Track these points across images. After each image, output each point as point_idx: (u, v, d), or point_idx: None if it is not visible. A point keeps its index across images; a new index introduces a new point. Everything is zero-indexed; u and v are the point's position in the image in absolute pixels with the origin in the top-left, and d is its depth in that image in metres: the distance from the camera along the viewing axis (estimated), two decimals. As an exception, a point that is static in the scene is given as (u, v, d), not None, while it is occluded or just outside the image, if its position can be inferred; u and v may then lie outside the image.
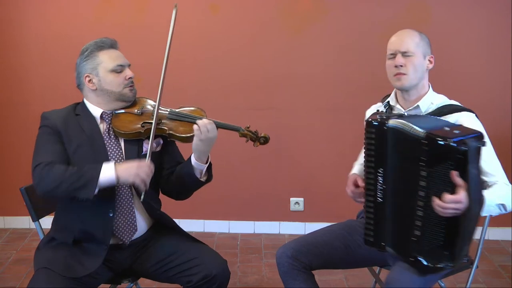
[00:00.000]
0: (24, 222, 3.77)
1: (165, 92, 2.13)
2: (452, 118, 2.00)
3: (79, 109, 2.10)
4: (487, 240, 3.62)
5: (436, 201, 1.68)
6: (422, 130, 1.72)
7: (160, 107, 2.05)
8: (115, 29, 3.52)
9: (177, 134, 2.06)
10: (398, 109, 2.15)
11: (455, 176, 1.64)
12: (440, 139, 1.66)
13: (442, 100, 2.12)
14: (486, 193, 1.80)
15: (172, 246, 2.08)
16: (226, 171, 3.66)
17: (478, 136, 1.72)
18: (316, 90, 3.60)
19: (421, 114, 2.07)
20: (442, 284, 2.23)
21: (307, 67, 3.57)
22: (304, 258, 2.09)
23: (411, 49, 2.04)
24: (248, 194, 3.75)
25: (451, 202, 1.65)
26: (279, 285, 2.16)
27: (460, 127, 1.80)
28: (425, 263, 1.76)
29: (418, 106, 2.09)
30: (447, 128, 1.73)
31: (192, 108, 2.14)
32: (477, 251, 2.25)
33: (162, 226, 2.18)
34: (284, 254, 2.11)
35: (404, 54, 2.05)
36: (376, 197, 1.88)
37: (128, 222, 2.05)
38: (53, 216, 2.15)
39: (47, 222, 2.19)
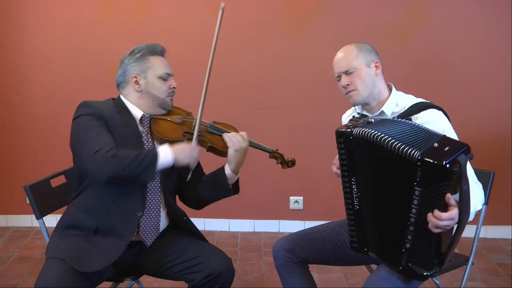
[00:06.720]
0: (27, 220, 3.80)
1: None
2: (421, 116, 1.99)
3: (118, 105, 2.09)
4: (485, 238, 3.64)
5: (431, 219, 1.67)
6: (413, 151, 1.66)
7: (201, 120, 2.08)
8: (115, 30, 3.55)
9: (218, 148, 2.11)
10: (365, 115, 2.14)
11: (450, 198, 1.65)
12: (432, 160, 1.62)
13: (407, 99, 2.10)
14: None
15: (177, 244, 2.09)
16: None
17: (466, 149, 1.70)
18: (316, 89, 3.61)
19: (388, 118, 2.04)
20: (438, 282, 2.25)
21: (307, 67, 3.59)
22: (300, 252, 2.12)
23: (352, 65, 2.06)
24: (248, 192, 3.76)
25: (446, 220, 1.65)
26: (279, 283, 2.17)
27: (446, 140, 1.75)
28: (426, 273, 1.76)
29: (383, 111, 2.09)
30: (436, 145, 1.69)
31: (226, 124, 2.18)
32: (472, 248, 2.27)
33: (173, 226, 2.19)
34: (281, 247, 2.14)
35: (347, 72, 2.06)
36: (354, 205, 1.89)
37: (153, 224, 2.07)
38: (55, 216, 2.15)
39: (49, 220, 2.21)
